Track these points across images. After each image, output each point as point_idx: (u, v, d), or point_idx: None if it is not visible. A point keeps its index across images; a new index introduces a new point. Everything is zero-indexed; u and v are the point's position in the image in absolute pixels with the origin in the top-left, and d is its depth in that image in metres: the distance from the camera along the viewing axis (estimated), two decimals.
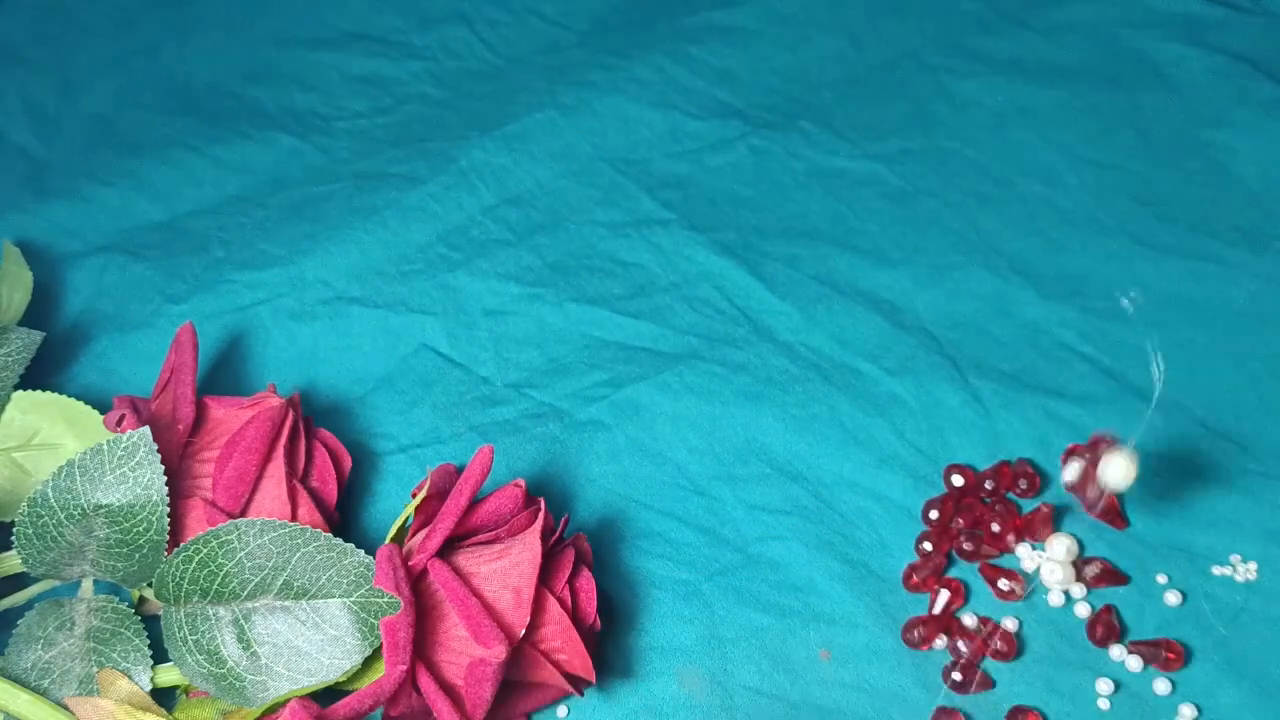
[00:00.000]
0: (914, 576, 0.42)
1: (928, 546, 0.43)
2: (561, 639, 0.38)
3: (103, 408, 0.43)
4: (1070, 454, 0.43)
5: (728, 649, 0.41)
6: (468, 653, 0.37)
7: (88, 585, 0.40)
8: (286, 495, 0.41)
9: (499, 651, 0.36)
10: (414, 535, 0.40)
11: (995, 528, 0.43)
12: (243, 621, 0.38)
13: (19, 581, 0.41)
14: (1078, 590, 0.42)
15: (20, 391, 0.44)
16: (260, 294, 0.51)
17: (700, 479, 0.45)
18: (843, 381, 0.48)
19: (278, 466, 0.41)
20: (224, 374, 0.49)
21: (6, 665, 0.39)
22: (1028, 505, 0.44)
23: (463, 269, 0.52)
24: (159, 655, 0.39)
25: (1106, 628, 0.41)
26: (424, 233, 0.54)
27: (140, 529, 0.39)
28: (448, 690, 0.37)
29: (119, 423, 0.41)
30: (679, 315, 0.50)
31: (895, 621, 0.41)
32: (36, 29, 0.63)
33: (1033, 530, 0.43)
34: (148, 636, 0.39)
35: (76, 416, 0.43)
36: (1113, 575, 0.42)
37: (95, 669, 0.39)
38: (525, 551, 0.38)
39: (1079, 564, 0.42)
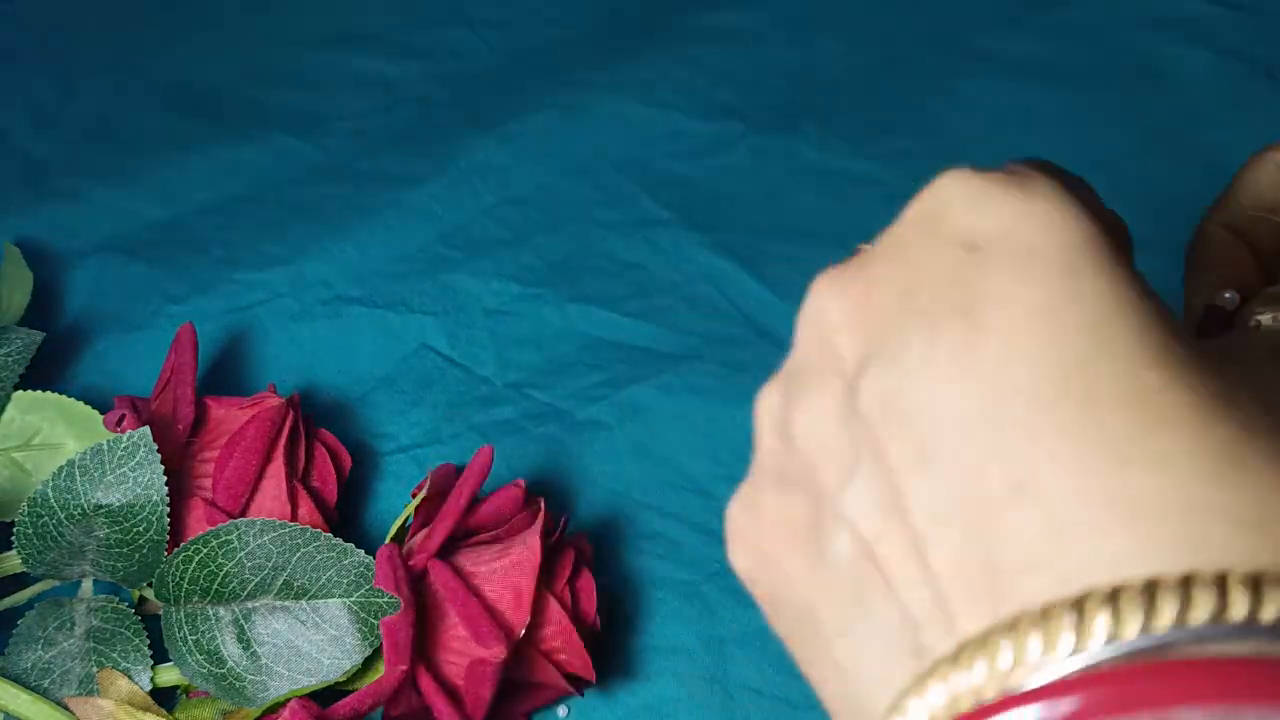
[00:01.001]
0: None
1: None
2: (561, 639, 0.38)
3: (103, 408, 0.43)
4: None
5: (728, 649, 0.41)
6: (468, 653, 0.37)
7: (88, 585, 0.40)
8: (286, 495, 0.41)
9: (499, 651, 0.36)
10: (414, 535, 0.40)
11: None
12: (243, 621, 0.38)
13: (19, 581, 0.41)
14: None
15: (20, 391, 0.44)
16: (260, 294, 0.51)
17: (701, 479, 0.45)
18: None
19: (278, 466, 0.41)
20: (224, 374, 0.49)
21: (6, 665, 0.39)
22: None
23: (463, 269, 0.52)
24: (160, 655, 0.39)
25: None
26: (424, 232, 0.53)
27: (140, 529, 0.39)
28: (448, 690, 0.37)
29: (119, 423, 0.41)
30: (679, 315, 0.50)
31: None
32: (37, 28, 0.63)
33: None
34: (148, 636, 0.39)
35: (77, 416, 0.43)
36: None
37: (95, 669, 0.39)
38: (525, 551, 0.38)
39: None
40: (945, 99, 0.57)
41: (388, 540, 0.40)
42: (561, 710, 0.40)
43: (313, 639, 0.38)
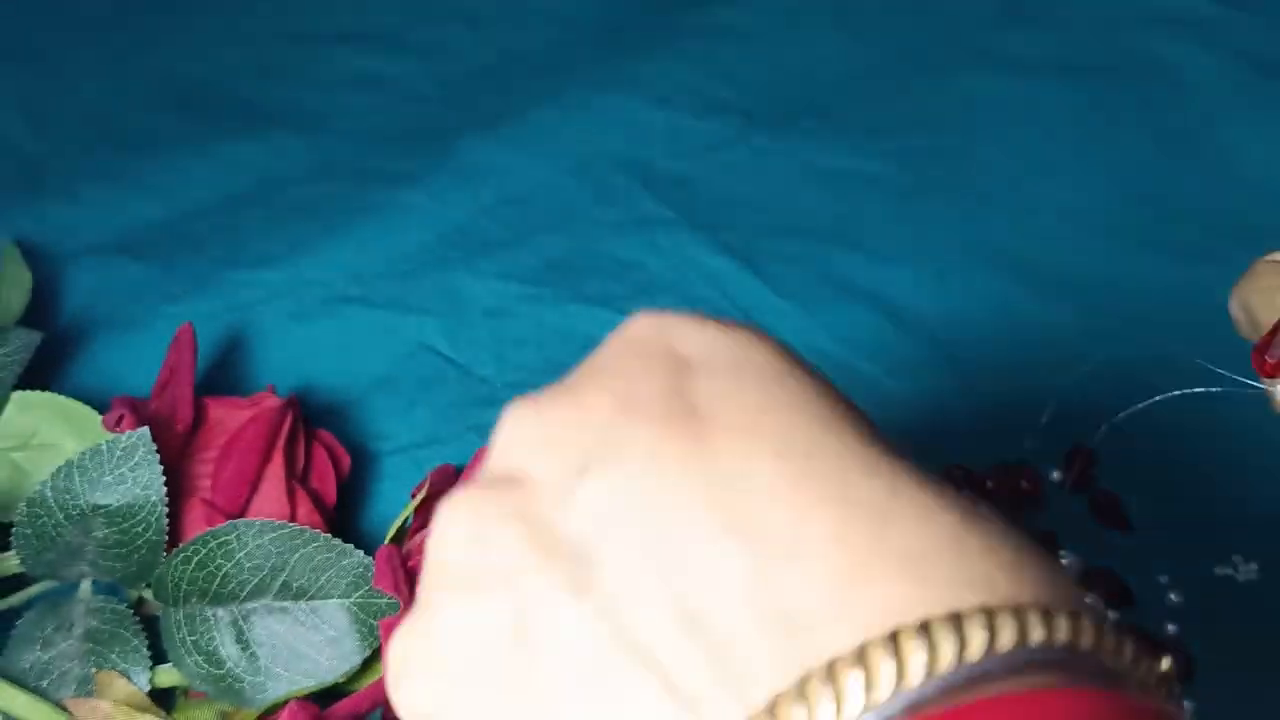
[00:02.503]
0: None
1: None
2: None
3: (101, 408, 0.43)
4: None
5: None
6: None
7: (86, 586, 0.40)
8: (285, 496, 0.41)
9: None
10: (413, 536, 0.40)
11: None
12: (241, 622, 0.38)
13: (18, 582, 0.41)
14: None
15: (18, 391, 0.44)
16: (259, 293, 0.51)
17: None
18: (843, 381, 0.47)
19: (277, 467, 0.41)
20: (223, 374, 0.49)
21: (5, 666, 0.39)
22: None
23: (462, 268, 0.52)
24: (158, 656, 0.39)
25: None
26: (423, 232, 0.53)
27: (139, 529, 0.39)
28: None
29: (118, 423, 0.41)
30: None
31: None
32: (33, 26, 0.63)
33: None
34: (146, 637, 0.39)
35: (75, 417, 0.43)
36: (1121, 593, 0.42)
37: (94, 670, 0.39)
38: None
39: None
40: (949, 97, 0.57)
41: (387, 541, 0.40)
42: None
43: (312, 640, 0.38)
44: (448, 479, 0.40)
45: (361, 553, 0.38)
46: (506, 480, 0.21)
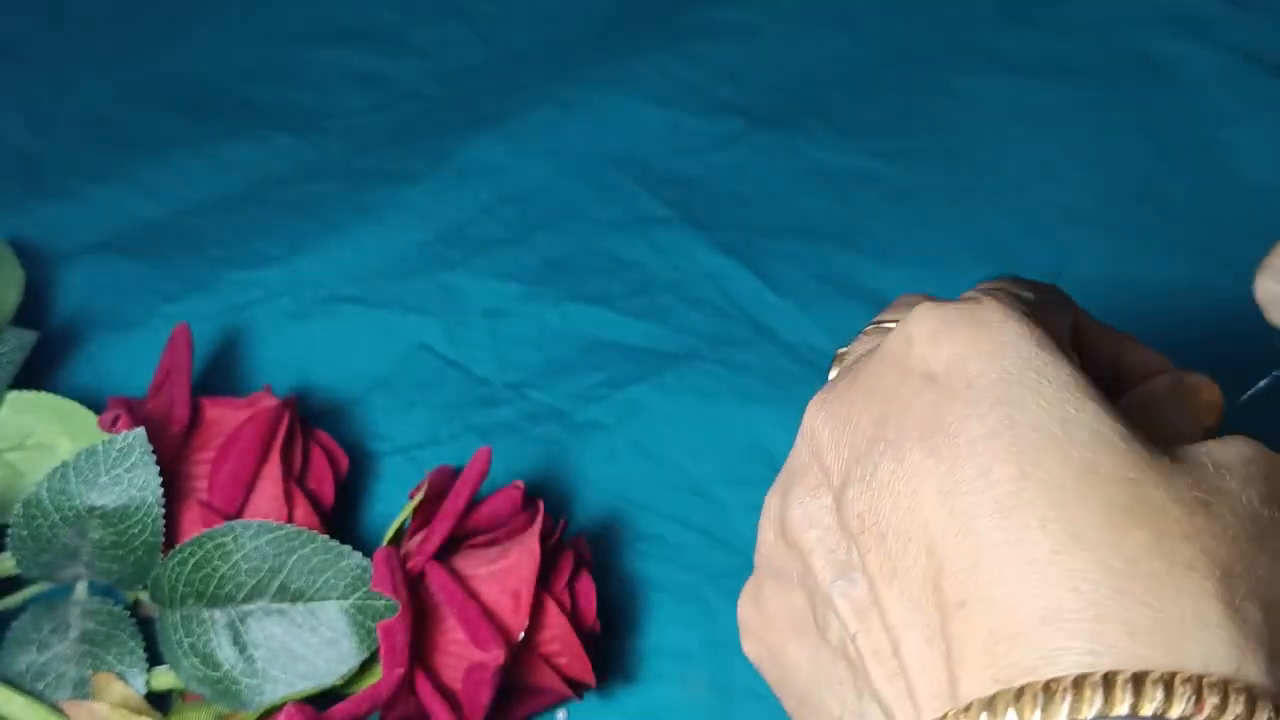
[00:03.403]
0: None
1: None
2: (560, 642, 0.38)
3: (97, 408, 0.43)
4: None
5: (728, 652, 0.41)
6: (466, 656, 0.37)
7: (82, 588, 0.40)
8: (283, 497, 0.41)
9: (497, 655, 0.35)
10: (412, 537, 0.40)
11: None
12: (238, 624, 0.38)
13: (13, 584, 0.41)
14: None
15: (13, 392, 0.43)
16: (256, 293, 0.51)
17: (701, 480, 0.45)
18: None
19: (274, 468, 0.41)
20: (220, 374, 0.49)
21: (1, 669, 0.39)
22: None
23: (461, 268, 0.52)
24: (155, 658, 0.39)
25: None
26: (422, 231, 0.53)
27: (135, 531, 0.39)
28: (445, 694, 0.37)
29: (114, 423, 0.40)
30: (679, 315, 0.50)
31: None
32: (31, 25, 0.63)
33: None
34: (143, 639, 0.39)
35: (70, 417, 0.43)
36: None
37: (90, 672, 0.38)
38: (524, 554, 0.37)
39: None
40: (948, 96, 0.57)
41: (385, 542, 0.40)
42: (561, 714, 0.40)
43: (309, 642, 0.38)
44: (446, 480, 0.40)
45: (360, 554, 0.38)
46: (799, 478, 0.24)
